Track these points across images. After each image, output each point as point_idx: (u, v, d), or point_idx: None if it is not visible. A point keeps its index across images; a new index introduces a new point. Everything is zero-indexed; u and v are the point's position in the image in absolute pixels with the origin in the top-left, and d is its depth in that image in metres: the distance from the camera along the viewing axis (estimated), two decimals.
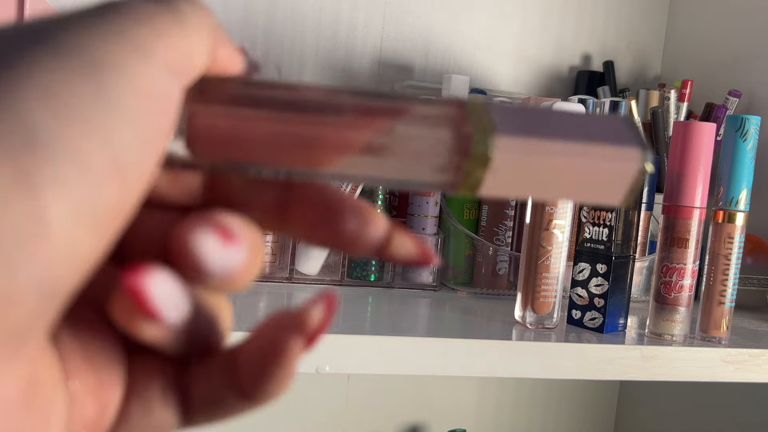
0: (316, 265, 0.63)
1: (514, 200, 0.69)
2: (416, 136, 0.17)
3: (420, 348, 0.47)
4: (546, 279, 0.53)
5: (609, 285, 0.54)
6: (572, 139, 0.17)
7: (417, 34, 0.86)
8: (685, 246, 0.54)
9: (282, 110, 0.16)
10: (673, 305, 0.54)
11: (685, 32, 0.94)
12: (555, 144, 0.17)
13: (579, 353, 0.50)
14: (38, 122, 0.12)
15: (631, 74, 0.95)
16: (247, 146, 0.16)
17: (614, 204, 0.18)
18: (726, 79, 0.85)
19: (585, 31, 0.93)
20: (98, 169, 0.13)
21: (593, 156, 0.17)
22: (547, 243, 0.53)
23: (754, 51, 0.82)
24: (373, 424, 0.88)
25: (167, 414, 0.17)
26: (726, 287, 0.55)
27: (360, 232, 0.17)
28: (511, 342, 0.49)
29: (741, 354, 0.54)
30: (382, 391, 0.88)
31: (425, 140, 0.17)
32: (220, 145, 0.16)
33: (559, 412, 0.96)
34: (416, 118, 0.17)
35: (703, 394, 0.84)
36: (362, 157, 0.17)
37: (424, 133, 0.17)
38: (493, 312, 0.59)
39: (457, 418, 0.91)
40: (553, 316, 0.54)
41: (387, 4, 0.85)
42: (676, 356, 0.52)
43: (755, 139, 0.54)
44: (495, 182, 0.17)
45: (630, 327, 0.58)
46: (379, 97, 0.17)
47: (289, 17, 0.82)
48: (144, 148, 0.14)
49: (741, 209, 0.54)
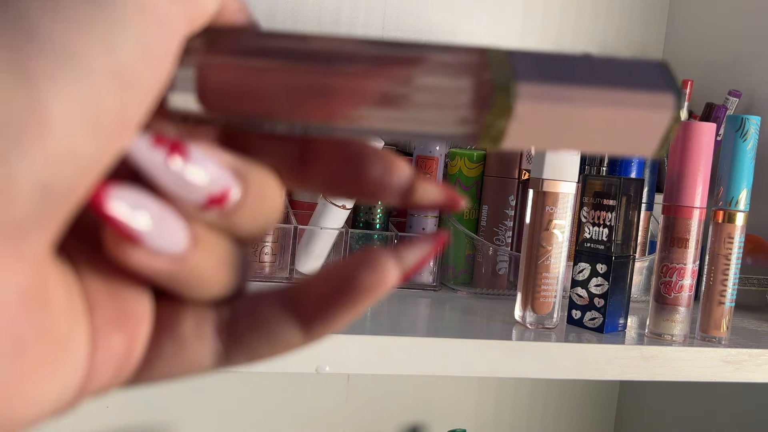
0: (317, 265, 0.63)
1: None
2: (435, 86, 0.16)
3: (420, 348, 0.47)
4: (546, 279, 0.53)
5: (609, 285, 0.54)
6: (600, 86, 0.16)
7: (417, 34, 0.86)
8: (685, 246, 0.54)
9: (294, 60, 0.16)
10: (673, 305, 0.54)
11: (685, 32, 0.94)
12: (582, 91, 0.16)
13: (579, 353, 0.50)
14: (38, 22, 0.13)
15: None
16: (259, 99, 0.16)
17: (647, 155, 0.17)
18: (726, 79, 0.85)
19: (585, 31, 0.93)
20: (96, 71, 0.13)
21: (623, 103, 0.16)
22: (547, 243, 0.53)
23: (754, 51, 0.82)
24: (373, 424, 0.88)
25: (203, 350, 0.17)
26: (726, 287, 0.55)
27: (384, 179, 0.17)
28: (511, 342, 0.49)
29: (741, 354, 0.54)
30: (382, 391, 0.88)
31: (444, 90, 0.16)
32: (233, 98, 0.16)
33: (559, 412, 0.96)
34: (435, 67, 0.16)
35: (703, 394, 0.84)
36: (379, 108, 0.16)
37: (443, 82, 0.16)
38: (493, 312, 0.59)
39: (457, 418, 0.91)
40: (553, 316, 0.54)
41: (387, 4, 0.85)
42: (676, 356, 0.52)
43: (755, 139, 0.54)
44: (519, 133, 0.16)
45: (630, 327, 0.58)
46: (395, 46, 0.16)
47: (289, 17, 0.82)
48: (146, 63, 0.14)
49: (741, 209, 0.54)
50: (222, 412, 0.82)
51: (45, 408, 0.14)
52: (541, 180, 0.53)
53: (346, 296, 0.17)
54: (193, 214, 0.15)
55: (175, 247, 0.15)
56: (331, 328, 0.17)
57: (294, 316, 0.17)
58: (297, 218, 0.63)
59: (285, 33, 0.16)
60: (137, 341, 0.16)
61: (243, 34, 0.16)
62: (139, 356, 0.16)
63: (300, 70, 0.16)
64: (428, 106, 0.16)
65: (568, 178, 0.53)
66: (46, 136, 0.12)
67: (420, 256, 0.17)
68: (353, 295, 0.17)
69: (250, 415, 0.83)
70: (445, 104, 0.16)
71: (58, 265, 0.15)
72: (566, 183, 0.53)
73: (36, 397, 0.14)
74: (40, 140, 0.12)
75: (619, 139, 0.16)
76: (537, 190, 0.53)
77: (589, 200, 0.55)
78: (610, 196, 0.54)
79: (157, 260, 0.15)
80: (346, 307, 0.17)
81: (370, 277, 0.17)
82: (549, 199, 0.53)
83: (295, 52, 0.16)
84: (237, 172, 0.16)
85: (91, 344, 0.15)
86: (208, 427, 0.82)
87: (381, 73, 0.16)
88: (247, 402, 0.83)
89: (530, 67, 0.16)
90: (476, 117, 0.16)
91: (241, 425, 0.83)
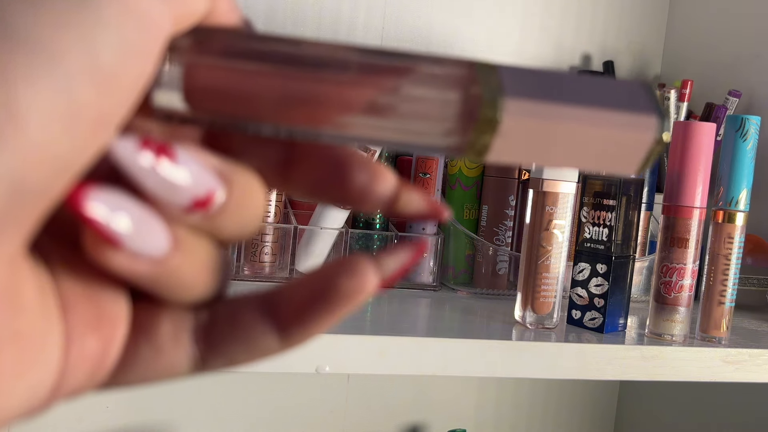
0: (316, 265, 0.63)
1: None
2: (422, 97, 0.16)
3: (420, 348, 0.47)
4: (546, 279, 0.53)
5: (609, 285, 0.54)
6: (586, 104, 0.16)
7: (417, 34, 0.86)
8: (685, 246, 0.54)
9: (283, 65, 0.16)
10: (673, 305, 0.54)
11: (685, 32, 0.94)
12: (567, 109, 0.16)
13: (579, 353, 0.50)
14: (17, 20, 0.13)
15: (631, 74, 0.95)
16: (246, 101, 0.16)
17: (628, 174, 0.17)
18: (726, 79, 0.85)
19: (585, 31, 0.93)
20: (73, 68, 0.13)
21: (607, 123, 0.16)
22: (547, 243, 0.53)
23: (754, 51, 0.82)
24: (373, 424, 0.88)
25: (179, 354, 0.17)
26: (726, 287, 0.55)
27: (368, 186, 0.17)
28: (511, 342, 0.49)
29: (741, 354, 0.54)
30: (382, 391, 0.88)
31: (432, 101, 0.16)
32: (219, 98, 0.16)
33: (559, 412, 0.96)
34: (423, 78, 0.16)
35: (703, 394, 0.84)
36: (366, 116, 0.16)
37: (430, 93, 0.16)
38: (493, 312, 0.59)
39: (457, 418, 0.91)
40: (553, 316, 0.54)
41: (387, 4, 0.85)
42: (676, 356, 0.52)
43: (755, 139, 0.54)
44: (503, 147, 0.16)
45: (630, 327, 0.58)
46: (385, 55, 0.16)
47: (289, 17, 0.82)
48: (127, 63, 0.14)
49: (741, 209, 0.54)
50: (222, 412, 0.82)
51: (16, 409, 0.14)
52: (541, 180, 0.53)
53: (324, 302, 0.17)
54: (176, 217, 0.15)
55: (156, 249, 0.15)
56: (309, 335, 0.17)
57: (272, 322, 0.17)
58: (297, 218, 0.63)
59: (275, 36, 0.16)
60: (113, 343, 0.16)
61: (233, 35, 0.16)
62: (115, 359, 0.16)
63: (289, 75, 0.16)
64: (415, 116, 0.16)
65: (568, 178, 0.53)
66: (20, 134, 0.12)
67: (400, 263, 0.17)
68: (331, 300, 0.17)
69: (250, 415, 0.83)
70: (432, 116, 0.16)
71: (31, 265, 0.15)
72: (566, 183, 0.53)
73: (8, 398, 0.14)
74: (14, 138, 0.12)
75: (601, 157, 0.17)
76: (537, 190, 0.53)
77: (589, 200, 0.55)
78: (610, 196, 0.54)
79: (138, 263, 0.15)
80: (324, 312, 0.17)
81: (349, 282, 0.17)
82: (549, 199, 0.53)
83: (285, 56, 0.16)
84: (222, 174, 0.16)
85: (66, 345, 0.15)
86: (208, 427, 0.82)
87: (370, 82, 0.16)
88: (247, 402, 0.83)
89: (518, 83, 0.16)
90: (462, 130, 0.16)
91: (241, 425, 0.83)
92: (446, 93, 0.16)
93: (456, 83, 0.16)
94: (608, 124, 0.16)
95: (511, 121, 0.16)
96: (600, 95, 0.17)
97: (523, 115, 0.16)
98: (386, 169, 0.17)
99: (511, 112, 0.16)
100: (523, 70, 0.17)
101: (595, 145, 0.16)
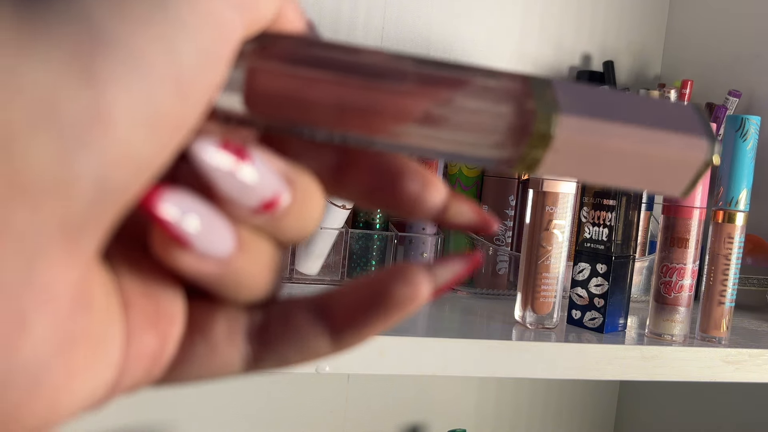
0: (316, 265, 0.63)
1: (575, 181, 0.69)
2: (476, 109, 0.16)
3: (420, 348, 0.47)
4: (546, 279, 0.53)
5: (609, 285, 0.54)
6: (638, 124, 0.16)
7: (417, 34, 0.86)
8: (685, 246, 0.54)
9: (343, 73, 0.16)
10: (673, 305, 0.54)
11: (685, 32, 0.94)
12: (620, 127, 0.16)
13: (579, 353, 0.50)
14: (104, 24, 0.13)
15: (631, 74, 0.95)
16: (304, 107, 0.16)
17: (675, 195, 0.17)
18: (726, 79, 0.85)
19: (585, 31, 0.93)
20: (159, 75, 0.13)
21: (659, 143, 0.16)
22: (547, 243, 0.53)
23: (754, 51, 0.82)
24: (373, 424, 0.88)
25: (233, 353, 0.17)
26: (726, 287, 0.55)
27: (420, 195, 0.17)
28: (511, 342, 0.49)
29: (741, 354, 0.54)
30: (382, 391, 0.88)
31: (485, 114, 0.16)
32: (278, 103, 0.16)
33: (559, 412, 0.96)
34: (478, 91, 0.16)
35: (703, 394, 0.84)
36: (420, 126, 0.16)
37: (484, 106, 0.16)
38: (493, 312, 0.59)
39: (457, 418, 0.91)
40: (553, 316, 0.54)
41: (387, 4, 0.85)
42: (676, 356, 0.52)
43: (755, 139, 0.54)
44: (554, 163, 0.16)
45: (630, 327, 0.58)
46: (441, 67, 0.17)
47: None
48: (204, 67, 0.14)
49: (741, 209, 0.54)
50: (222, 412, 0.82)
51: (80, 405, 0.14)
52: (541, 180, 0.53)
53: (377, 308, 0.17)
54: (243, 218, 0.16)
55: (222, 250, 0.15)
56: (361, 339, 0.17)
57: (324, 325, 0.17)
58: None
59: (337, 44, 0.17)
60: (169, 341, 0.16)
61: (296, 42, 0.17)
62: (171, 356, 0.16)
63: (348, 84, 0.16)
64: (469, 128, 0.16)
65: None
66: (108, 136, 0.13)
67: (453, 274, 0.17)
68: (385, 307, 0.17)
69: (250, 415, 0.83)
70: (486, 128, 0.16)
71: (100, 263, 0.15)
72: (566, 183, 0.53)
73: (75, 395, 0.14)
74: (103, 138, 0.12)
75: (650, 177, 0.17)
76: (537, 190, 0.53)
77: (589, 200, 0.55)
78: (610, 196, 0.54)
79: (204, 263, 0.15)
80: (377, 318, 0.17)
81: (403, 290, 0.17)
82: (549, 199, 0.53)
83: (345, 65, 0.16)
84: (287, 177, 0.16)
85: (126, 342, 0.15)
86: (208, 427, 0.82)
87: (426, 93, 0.16)
88: (248, 402, 0.83)
89: (572, 99, 0.16)
90: (515, 143, 0.16)
91: (241, 425, 0.83)
92: (501, 106, 0.16)
93: (511, 97, 0.16)
94: (660, 145, 0.16)
95: (564, 137, 0.16)
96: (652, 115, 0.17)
97: (576, 132, 0.16)
98: (438, 179, 0.18)
99: (565, 128, 0.16)
100: (576, 87, 0.17)
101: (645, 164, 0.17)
